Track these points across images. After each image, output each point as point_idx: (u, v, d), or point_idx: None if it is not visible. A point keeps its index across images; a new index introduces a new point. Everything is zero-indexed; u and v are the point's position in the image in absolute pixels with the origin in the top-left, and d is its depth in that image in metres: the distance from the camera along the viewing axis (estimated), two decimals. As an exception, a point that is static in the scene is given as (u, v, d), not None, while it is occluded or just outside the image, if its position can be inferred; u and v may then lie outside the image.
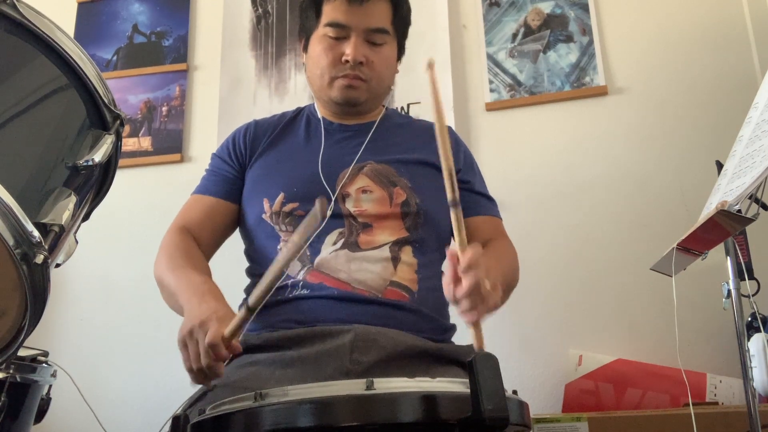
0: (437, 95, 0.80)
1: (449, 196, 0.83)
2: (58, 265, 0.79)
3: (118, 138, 0.81)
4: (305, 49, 1.33)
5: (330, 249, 1.15)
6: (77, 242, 0.84)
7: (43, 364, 1.33)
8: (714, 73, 2.01)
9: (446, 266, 0.89)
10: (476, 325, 0.84)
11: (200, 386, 1.03)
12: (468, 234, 1.27)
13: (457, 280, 0.86)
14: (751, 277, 1.32)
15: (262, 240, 1.22)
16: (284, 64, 2.34)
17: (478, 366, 0.63)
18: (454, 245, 0.87)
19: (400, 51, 1.35)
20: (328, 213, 1.18)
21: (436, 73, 0.80)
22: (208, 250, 1.27)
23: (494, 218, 1.32)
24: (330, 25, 1.25)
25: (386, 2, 1.27)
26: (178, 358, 0.98)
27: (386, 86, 1.33)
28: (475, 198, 1.31)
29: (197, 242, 1.25)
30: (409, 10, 1.34)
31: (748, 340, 1.36)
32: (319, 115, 1.34)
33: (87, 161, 0.74)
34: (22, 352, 1.30)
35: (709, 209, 1.16)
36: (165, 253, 1.21)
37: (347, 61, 1.24)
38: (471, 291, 0.84)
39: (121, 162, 0.86)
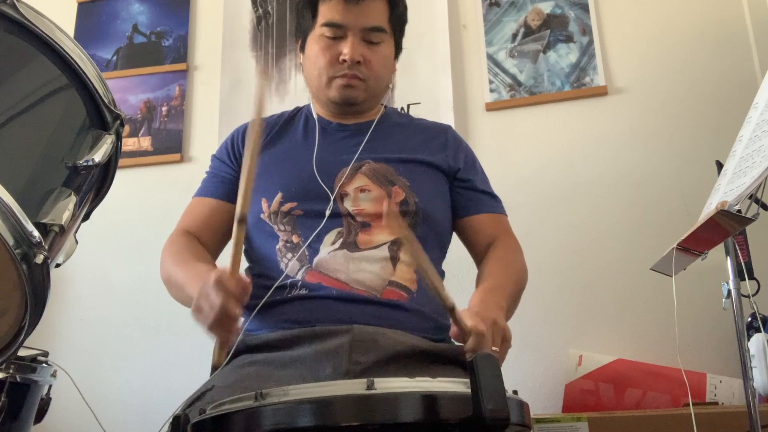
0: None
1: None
2: (58, 265, 0.79)
3: (118, 138, 0.81)
4: (302, 49, 1.33)
5: (329, 249, 1.15)
6: (77, 242, 0.84)
7: (43, 364, 1.33)
8: (714, 73, 2.01)
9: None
10: None
11: (201, 385, 1.03)
12: (472, 233, 1.29)
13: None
14: (751, 277, 1.32)
15: (261, 240, 1.22)
16: (284, 64, 2.34)
17: (478, 366, 0.63)
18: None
19: (398, 49, 1.35)
20: (328, 212, 1.18)
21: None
22: (212, 251, 1.27)
23: (498, 215, 1.32)
24: (326, 25, 1.25)
25: (382, 1, 1.27)
26: (178, 358, 0.98)
27: (384, 85, 1.33)
28: (477, 196, 1.31)
29: (200, 244, 1.25)
30: (405, 8, 1.34)
31: (748, 340, 1.36)
32: (316, 115, 1.34)
33: (87, 161, 0.74)
34: (22, 352, 1.30)
35: (709, 209, 1.16)
36: (169, 254, 1.21)
37: (345, 61, 1.23)
38: None
39: (121, 162, 0.86)
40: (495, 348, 0.95)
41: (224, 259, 1.29)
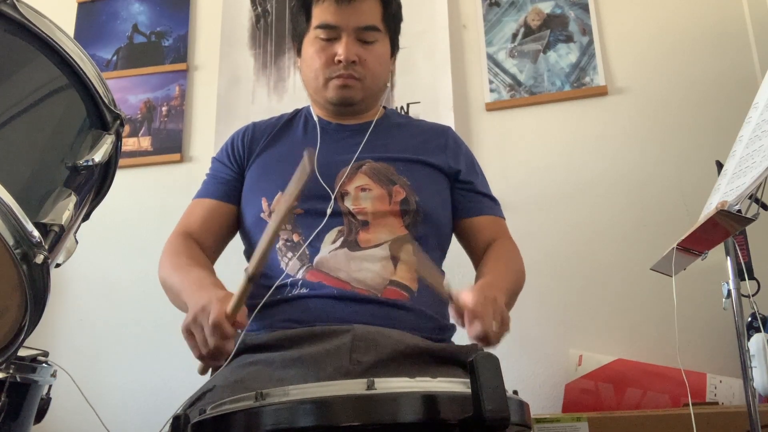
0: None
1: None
2: (58, 265, 0.79)
3: (118, 138, 0.81)
4: (299, 53, 1.34)
5: (329, 248, 1.15)
6: (77, 242, 0.84)
7: (43, 364, 1.33)
8: (714, 73, 2.01)
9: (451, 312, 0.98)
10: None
11: (201, 385, 1.03)
12: (471, 234, 1.30)
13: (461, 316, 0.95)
14: (751, 277, 1.32)
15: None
16: (283, 62, 2.34)
17: (479, 366, 0.63)
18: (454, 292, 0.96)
19: (394, 47, 1.35)
20: (329, 211, 1.18)
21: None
22: (211, 253, 1.28)
23: (497, 218, 1.32)
24: (320, 27, 1.25)
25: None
26: (178, 358, 0.98)
27: (381, 83, 1.33)
28: (478, 198, 1.32)
29: (200, 246, 1.25)
30: (399, 6, 1.34)
31: (748, 340, 1.36)
32: (316, 117, 1.34)
33: (87, 161, 0.74)
34: (22, 352, 1.30)
35: (709, 209, 1.16)
36: (168, 257, 1.22)
37: (340, 62, 1.24)
38: (479, 338, 0.93)
39: (121, 162, 0.86)
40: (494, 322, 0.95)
41: (223, 261, 1.30)
